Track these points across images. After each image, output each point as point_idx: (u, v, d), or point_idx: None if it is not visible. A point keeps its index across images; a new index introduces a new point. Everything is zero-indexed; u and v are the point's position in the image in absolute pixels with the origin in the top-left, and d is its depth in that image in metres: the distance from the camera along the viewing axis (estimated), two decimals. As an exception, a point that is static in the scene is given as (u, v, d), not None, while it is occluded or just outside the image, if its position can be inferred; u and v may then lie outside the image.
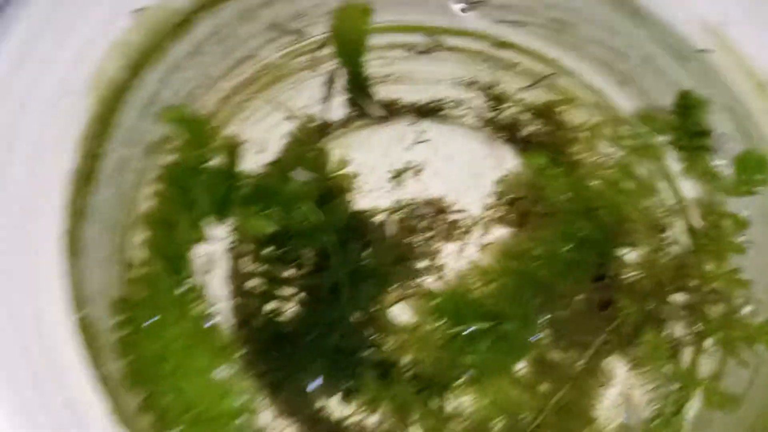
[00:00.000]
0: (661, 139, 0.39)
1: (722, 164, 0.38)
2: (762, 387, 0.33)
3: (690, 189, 0.41)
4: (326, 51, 0.46)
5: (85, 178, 0.36)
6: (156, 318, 0.34)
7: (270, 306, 0.42)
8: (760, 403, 0.33)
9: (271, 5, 0.43)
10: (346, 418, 0.41)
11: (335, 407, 0.41)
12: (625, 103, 0.45)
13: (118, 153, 0.38)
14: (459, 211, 0.46)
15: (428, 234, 0.46)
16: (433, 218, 0.46)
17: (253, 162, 0.44)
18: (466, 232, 0.46)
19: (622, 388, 0.39)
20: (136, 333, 0.33)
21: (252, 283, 0.42)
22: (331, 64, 0.47)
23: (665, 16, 0.39)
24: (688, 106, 0.39)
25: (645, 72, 0.43)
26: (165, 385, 0.32)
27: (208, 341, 0.34)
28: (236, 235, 0.43)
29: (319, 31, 0.46)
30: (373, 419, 0.41)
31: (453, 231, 0.46)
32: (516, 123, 0.48)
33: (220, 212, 0.39)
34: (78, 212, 0.35)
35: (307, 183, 0.39)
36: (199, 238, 0.38)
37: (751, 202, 0.37)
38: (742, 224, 0.37)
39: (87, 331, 0.33)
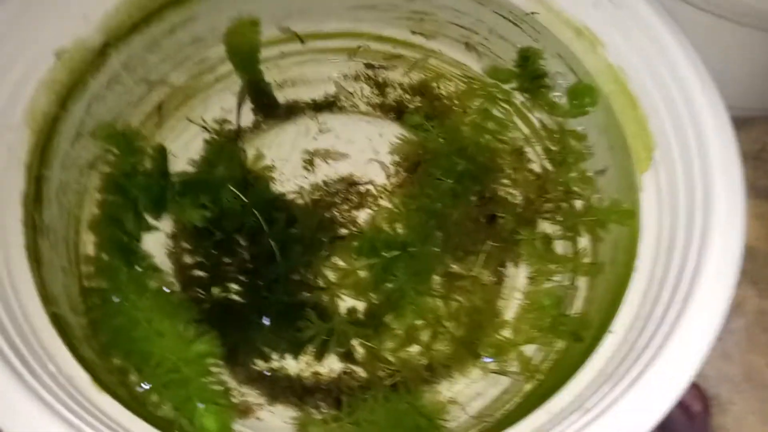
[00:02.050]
0: (508, 86, 0.48)
1: (559, 96, 0.48)
2: (622, 253, 0.42)
3: (539, 119, 0.50)
4: (227, 67, 0.54)
5: (34, 198, 0.41)
6: (119, 299, 0.39)
7: (217, 289, 0.47)
8: (621, 265, 0.41)
9: (172, 34, 0.49)
10: (302, 371, 0.47)
11: (290, 364, 0.47)
12: (482, 67, 0.54)
13: (58, 176, 0.44)
14: (367, 182, 0.53)
15: (345, 205, 0.53)
16: (346, 192, 0.53)
17: (180, 166, 0.50)
18: (376, 198, 0.53)
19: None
20: (105, 313, 0.38)
21: (197, 269, 0.48)
22: (235, 78, 0.54)
23: (498, -8, 0.48)
24: (527, 58, 0.48)
25: (493, 40, 0.52)
26: (137, 348, 0.37)
27: (167, 307, 0.39)
28: (176, 231, 0.48)
29: (218, 51, 0.53)
30: (323, 368, 0.47)
31: (365, 199, 0.53)
32: (401, 103, 0.56)
33: (158, 207, 0.45)
34: (33, 228, 0.40)
35: (229, 172, 0.46)
36: (146, 228, 0.44)
37: (584, 120, 0.47)
38: (581, 137, 0.46)
39: (59, 322, 0.38)
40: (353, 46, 0.56)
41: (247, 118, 0.55)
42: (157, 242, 0.48)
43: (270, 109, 0.54)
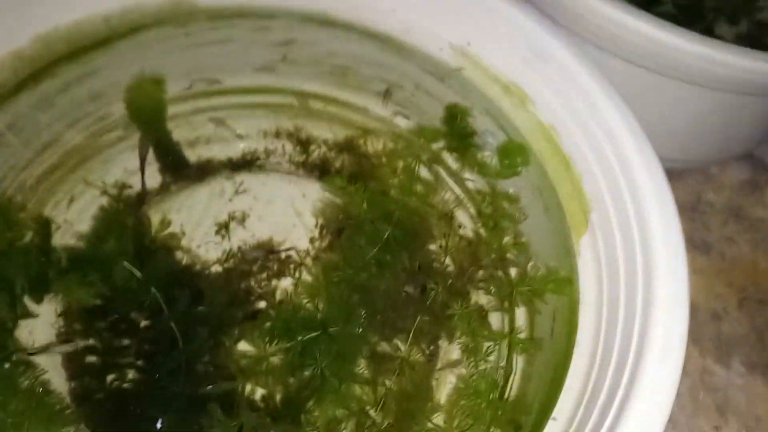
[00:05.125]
0: (436, 145, 0.45)
1: (489, 155, 0.45)
2: (561, 326, 0.39)
3: (470, 181, 0.47)
4: (130, 126, 0.49)
5: None
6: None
7: (111, 376, 0.41)
8: (560, 340, 0.38)
9: (67, 91, 0.45)
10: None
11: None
12: (408, 125, 0.51)
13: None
14: (288, 249, 0.49)
15: (263, 275, 0.48)
16: (264, 259, 0.48)
17: (69, 238, 0.44)
18: (298, 265, 0.48)
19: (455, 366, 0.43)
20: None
21: (88, 357, 0.42)
22: (138, 137, 0.49)
23: (421, 46, 0.46)
24: (454, 115, 0.45)
25: (419, 96, 0.49)
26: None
27: (43, 411, 0.33)
28: (65, 310, 0.42)
29: (119, 108, 0.48)
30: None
31: (285, 267, 0.48)
32: (325, 160, 0.53)
33: (39, 289, 0.39)
34: None
35: (122, 245, 0.40)
36: (22, 315, 0.38)
37: (517, 181, 0.44)
38: (513, 199, 0.43)
39: None
40: (274, 101, 0.52)
41: (154, 179, 0.50)
42: (41, 323, 0.42)
43: (179, 169, 0.50)
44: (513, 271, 0.42)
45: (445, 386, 0.43)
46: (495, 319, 0.44)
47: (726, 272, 0.60)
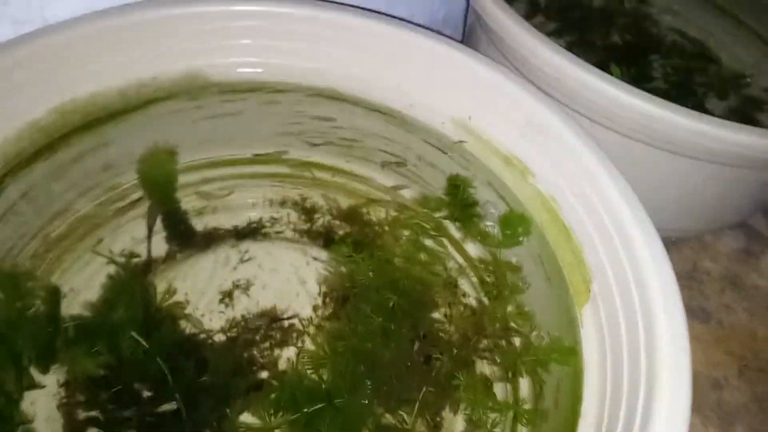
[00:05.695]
0: (439, 215, 0.46)
1: (491, 225, 0.46)
2: (565, 396, 0.39)
3: (473, 250, 0.48)
4: (139, 194, 0.50)
5: None
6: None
7: (114, 448, 0.41)
8: (565, 411, 0.38)
9: (80, 160, 0.46)
10: None
11: None
12: (412, 194, 0.52)
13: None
14: (291, 317, 0.49)
15: (266, 343, 0.48)
16: (267, 328, 0.48)
17: (76, 306, 0.44)
18: (301, 333, 0.48)
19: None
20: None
21: (90, 430, 0.41)
22: (147, 206, 0.50)
23: (425, 120, 0.48)
24: (456, 186, 0.46)
25: (422, 167, 0.51)
26: None
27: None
28: (69, 380, 0.42)
29: (129, 178, 0.49)
30: None
31: (289, 336, 0.48)
32: (329, 229, 0.53)
33: (46, 359, 0.38)
34: None
35: (130, 315, 0.40)
36: (29, 386, 0.38)
37: (519, 250, 0.45)
38: (515, 269, 0.44)
39: None
40: (280, 171, 0.54)
41: (161, 247, 0.50)
42: (44, 393, 0.41)
43: (186, 238, 0.50)
44: (517, 341, 0.42)
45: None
46: (499, 390, 0.43)
47: (725, 340, 0.60)
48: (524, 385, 0.42)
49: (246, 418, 0.41)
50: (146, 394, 0.42)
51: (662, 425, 0.32)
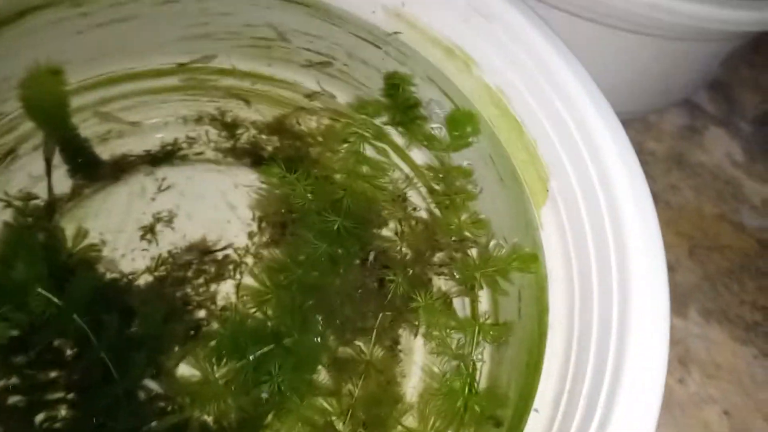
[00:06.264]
0: (378, 120, 0.41)
1: (437, 127, 0.41)
2: (528, 306, 0.36)
3: (419, 157, 0.44)
4: (30, 125, 0.42)
5: None
6: None
7: (41, 416, 0.36)
8: (530, 322, 0.36)
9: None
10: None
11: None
12: (345, 98, 0.46)
13: None
14: (224, 247, 0.44)
15: (200, 279, 0.43)
16: (199, 262, 0.43)
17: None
18: (238, 264, 0.44)
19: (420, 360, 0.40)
20: None
21: (11, 398, 0.36)
22: (39, 137, 0.43)
23: (352, 10, 0.42)
24: (395, 85, 0.41)
25: (354, 66, 0.45)
26: None
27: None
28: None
29: (14, 106, 0.41)
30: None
31: (224, 268, 0.43)
32: (255, 145, 0.48)
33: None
34: None
35: (34, 269, 0.35)
36: None
37: (469, 152, 0.41)
38: (467, 173, 0.40)
39: None
40: (191, 83, 0.47)
41: (64, 183, 0.44)
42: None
43: (92, 169, 0.44)
44: (474, 252, 0.39)
45: (414, 385, 0.40)
46: (458, 305, 0.41)
47: (674, 221, 0.59)
48: (484, 299, 0.39)
49: (186, 370, 0.37)
50: (69, 352, 0.37)
51: (643, 327, 0.29)
